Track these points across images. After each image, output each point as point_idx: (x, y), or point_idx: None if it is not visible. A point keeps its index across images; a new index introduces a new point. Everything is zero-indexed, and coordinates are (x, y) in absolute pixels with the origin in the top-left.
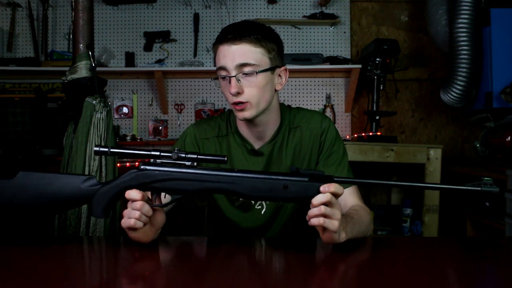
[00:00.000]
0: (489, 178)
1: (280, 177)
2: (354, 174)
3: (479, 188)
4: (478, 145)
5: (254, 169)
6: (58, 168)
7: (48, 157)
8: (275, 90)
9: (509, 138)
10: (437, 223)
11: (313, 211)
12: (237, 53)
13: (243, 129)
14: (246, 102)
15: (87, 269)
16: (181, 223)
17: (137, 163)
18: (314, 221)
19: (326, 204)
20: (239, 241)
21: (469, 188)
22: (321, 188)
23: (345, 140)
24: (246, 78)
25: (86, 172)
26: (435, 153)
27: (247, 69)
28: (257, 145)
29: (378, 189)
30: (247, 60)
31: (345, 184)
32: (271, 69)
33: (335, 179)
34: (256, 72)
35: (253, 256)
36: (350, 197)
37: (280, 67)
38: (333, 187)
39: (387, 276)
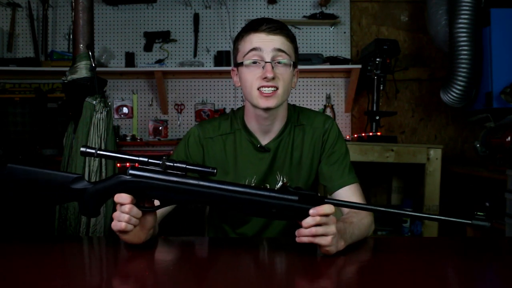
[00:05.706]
0: (482, 213)
1: (269, 194)
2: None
3: (470, 222)
4: (478, 145)
5: (260, 165)
6: (58, 168)
7: (48, 157)
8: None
9: (509, 138)
10: (437, 223)
11: (303, 232)
12: (275, 41)
13: (252, 123)
14: (278, 88)
15: (87, 269)
16: (181, 223)
17: (137, 164)
18: (304, 240)
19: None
20: (239, 241)
21: (460, 220)
22: (311, 212)
23: (345, 140)
24: (279, 67)
25: (86, 172)
26: (435, 153)
27: (281, 58)
28: (263, 141)
29: (378, 190)
30: (284, 48)
31: (347, 183)
32: (295, 66)
33: (326, 200)
34: (291, 64)
35: (253, 256)
36: (351, 197)
37: (296, 67)
38: (323, 209)
39: (387, 276)
